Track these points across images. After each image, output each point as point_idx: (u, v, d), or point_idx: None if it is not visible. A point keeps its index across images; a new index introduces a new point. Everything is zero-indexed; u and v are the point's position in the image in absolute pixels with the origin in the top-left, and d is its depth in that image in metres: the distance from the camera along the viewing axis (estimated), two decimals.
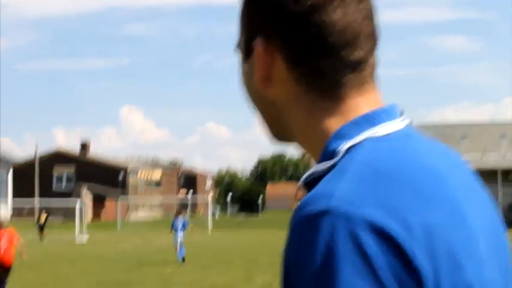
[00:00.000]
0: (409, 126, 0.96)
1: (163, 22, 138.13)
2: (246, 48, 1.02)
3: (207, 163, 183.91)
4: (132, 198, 67.53)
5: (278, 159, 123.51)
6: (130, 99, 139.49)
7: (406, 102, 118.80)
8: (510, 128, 54.80)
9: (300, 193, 1.01)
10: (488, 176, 49.83)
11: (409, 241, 0.80)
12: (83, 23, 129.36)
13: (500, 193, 49.44)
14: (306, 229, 0.82)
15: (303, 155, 1.10)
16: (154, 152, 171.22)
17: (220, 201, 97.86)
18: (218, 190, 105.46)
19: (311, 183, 0.91)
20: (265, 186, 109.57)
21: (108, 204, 63.58)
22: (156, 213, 71.97)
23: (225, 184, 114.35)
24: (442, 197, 0.87)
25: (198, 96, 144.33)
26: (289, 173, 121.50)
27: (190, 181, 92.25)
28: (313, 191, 0.86)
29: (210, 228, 48.42)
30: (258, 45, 0.98)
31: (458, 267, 0.83)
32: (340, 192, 0.83)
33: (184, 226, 23.63)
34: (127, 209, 63.82)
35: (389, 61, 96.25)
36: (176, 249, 22.82)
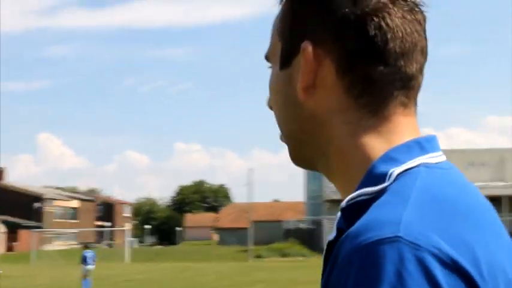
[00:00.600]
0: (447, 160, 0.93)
1: (85, 45, 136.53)
2: (285, 54, 0.96)
3: (126, 192, 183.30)
4: (47, 228, 66.85)
5: (198, 187, 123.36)
6: (49, 125, 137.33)
7: None
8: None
9: None
10: None
11: (479, 276, 0.77)
12: (1, 44, 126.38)
13: None
14: (370, 257, 0.76)
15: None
16: (72, 181, 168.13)
17: (138, 230, 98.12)
18: (137, 220, 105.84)
19: (354, 206, 0.86)
20: (183, 215, 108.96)
21: (23, 234, 62.84)
22: (73, 244, 70.20)
23: (144, 213, 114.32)
24: (498, 233, 0.85)
25: (118, 123, 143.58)
26: (209, 200, 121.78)
27: (108, 210, 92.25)
28: (370, 217, 0.81)
29: (127, 260, 48.36)
30: (307, 48, 0.92)
31: None
32: (407, 219, 0.78)
33: (93, 259, 24.45)
34: (41, 240, 62.54)
35: None
36: (82, 281, 23.95)
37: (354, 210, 0.85)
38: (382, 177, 0.86)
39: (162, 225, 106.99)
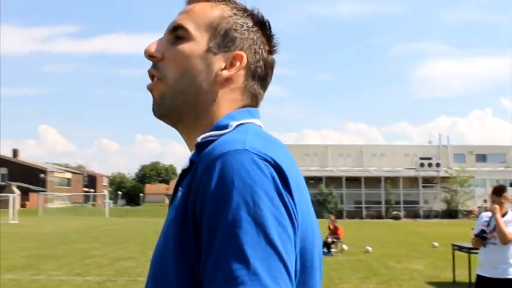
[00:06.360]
0: None
1: (72, 64, 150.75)
2: (217, 47, 1.14)
3: (103, 168, 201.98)
4: (49, 192, 71.05)
5: (154, 166, 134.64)
6: (47, 119, 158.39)
7: None
8: (312, 149, 62.88)
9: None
10: None
11: (291, 179, 0.97)
12: (13, 61, 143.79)
13: None
14: (226, 162, 0.92)
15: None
16: (65, 159, 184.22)
17: (113, 195, 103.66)
18: (112, 188, 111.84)
19: (206, 143, 1.03)
20: (144, 185, 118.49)
21: (32, 196, 66.12)
22: (67, 203, 75.24)
23: (117, 183, 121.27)
24: (297, 166, 1.07)
25: (96, 119, 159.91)
26: (162, 175, 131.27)
27: (91, 180, 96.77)
28: (221, 140, 1.00)
29: (106, 215, 52.52)
30: (244, 58, 1.15)
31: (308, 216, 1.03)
32: (249, 140, 0.98)
33: None
34: (45, 200, 65.20)
35: None
36: None
37: (205, 145, 1.01)
38: (225, 127, 1.07)
39: (129, 192, 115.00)
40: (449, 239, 19.05)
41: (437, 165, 61.95)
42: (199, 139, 1.07)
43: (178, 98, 1.13)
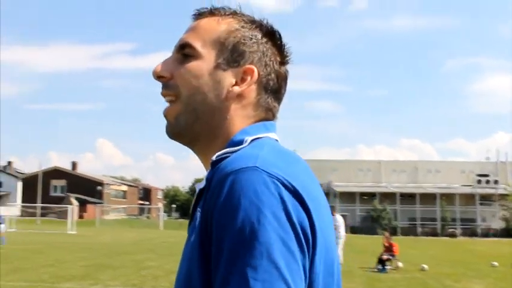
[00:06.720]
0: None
1: (125, 80, 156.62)
2: (226, 63, 1.11)
3: (158, 181, 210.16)
4: (106, 204, 73.68)
5: None
6: (105, 133, 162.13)
7: (294, 145, 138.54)
8: (365, 164, 64.08)
9: None
10: (349, 197, 57.56)
11: (308, 199, 0.95)
12: (71, 77, 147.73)
13: (357, 209, 56.90)
14: (235, 180, 0.91)
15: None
16: (121, 172, 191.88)
17: (167, 208, 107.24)
18: (166, 201, 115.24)
19: (220, 160, 1.01)
20: None
21: (89, 207, 68.13)
22: (123, 215, 77.64)
23: (171, 196, 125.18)
24: (316, 179, 1.06)
25: (151, 133, 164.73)
26: None
27: (146, 193, 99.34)
28: (234, 156, 0.98)
29: (161, 228, 54.27)
30: (255, 72, 1.11)
31: (325, 228, 0.99)
32: (263, 156, 0.97)
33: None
34: (102, 212, 66.70)
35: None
36: None
37: (220, 162, 0.99)
38: (240, 142, 1.06)
39: (183, 205, 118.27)
40: (510, 258, 18.93)
41: (495, 182, 61.05)
42: (214, 157, 1.05)
43: (192, 117, 1.12)
